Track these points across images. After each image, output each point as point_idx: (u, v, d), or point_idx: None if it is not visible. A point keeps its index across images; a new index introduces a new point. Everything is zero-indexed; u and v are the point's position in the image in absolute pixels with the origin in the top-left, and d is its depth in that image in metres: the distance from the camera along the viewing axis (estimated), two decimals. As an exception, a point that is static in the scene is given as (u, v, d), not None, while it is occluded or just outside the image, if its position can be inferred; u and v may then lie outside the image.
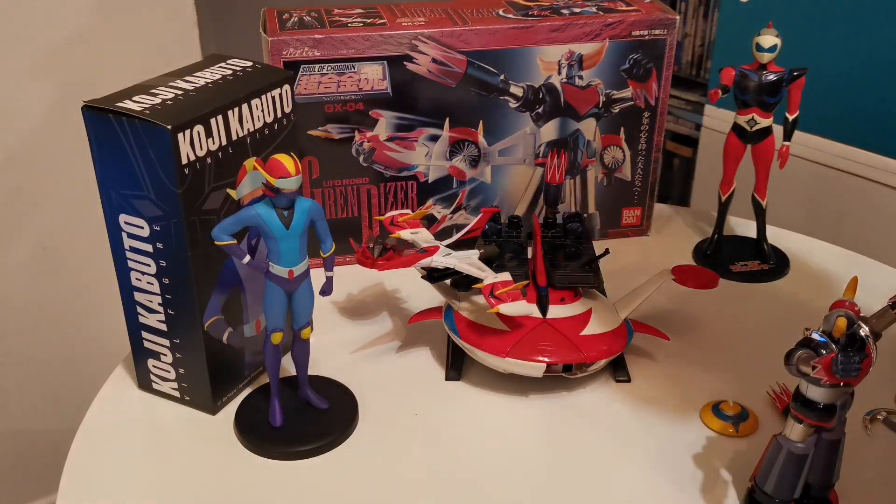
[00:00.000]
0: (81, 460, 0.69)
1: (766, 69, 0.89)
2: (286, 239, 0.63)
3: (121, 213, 0.67)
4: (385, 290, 0.91)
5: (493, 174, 0.97)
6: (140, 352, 0.74)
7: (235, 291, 0.72)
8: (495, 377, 0.76)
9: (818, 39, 1.46)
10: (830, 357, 0.54)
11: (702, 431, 0.71)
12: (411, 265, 0.75)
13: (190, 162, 0.63)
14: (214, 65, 0.72)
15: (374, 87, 0.89)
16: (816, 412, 0.57)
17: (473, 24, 0.90)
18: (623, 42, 0.93)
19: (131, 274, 0.69)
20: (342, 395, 0.74)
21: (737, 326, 0.84)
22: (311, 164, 0.91)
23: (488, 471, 0.68)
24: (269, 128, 0.71)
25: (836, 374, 0.54)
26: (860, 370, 0.54)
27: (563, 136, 0.96)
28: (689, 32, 2.22)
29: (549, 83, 0.93)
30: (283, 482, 0.66)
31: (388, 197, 0.95)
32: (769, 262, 0.96)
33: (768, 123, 0.92)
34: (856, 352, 0.54)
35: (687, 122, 2.19)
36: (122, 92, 0.66)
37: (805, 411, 0.57)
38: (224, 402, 0.74)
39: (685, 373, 0.78)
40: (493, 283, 0.73)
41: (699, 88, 2.18)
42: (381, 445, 0.70)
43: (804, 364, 0.55)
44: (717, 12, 2.02)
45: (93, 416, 0.73)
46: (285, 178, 0.61)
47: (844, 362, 0.53)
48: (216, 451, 0.69)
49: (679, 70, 2.22)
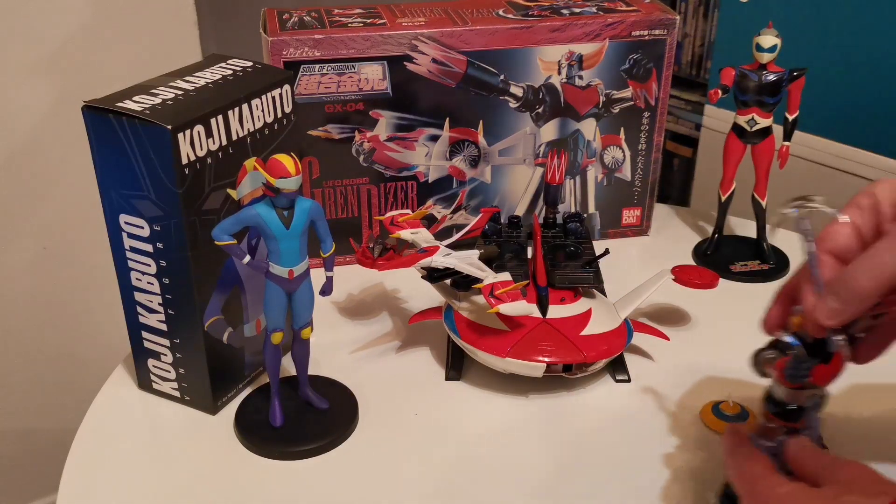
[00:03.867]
0: (81, 460, 0.69)
1: (766, 69, 0.89)
2: (286, 239, 0.63)
3: (121, 213, 0.67)
4: (385, 290, 0.91)
5: (493, 174, 0.97)
6: (140, 352, 0.74)
7: (235, 291, 0.72)
8: (495, 377, 0.76)
9: (818, 39, 1.46)
10: (784, 360, 0.54)
11: (702, 431, 0.71)
12: (411, 265, 0.75)
13: (190, 162, 0.63)
14: (214, 65, 0.72)
15: (374, 87, 0.89)
16: (784, 413, 0.57)
17: (473, 24, 0.90)
18: (623, 42, 0.93)
19: (131, 274, 0.70)
20: (342, 395, 0.74)
21: (737, 326, 0.84)
22: (311, 164, 0.91)
23: (488, 471, 0.67)
24: (270, 128, 0.71)
25: (786, 378, 0.54)
26: (808, 376, 0.53)
27: (563, 136, 0.96)
28: (689, 32, 2.22)
29: (549, 83, 0.93)
30: (283, 482, 0.66)
31: (388, 197, 0.95)
32: (769, 262, 0.96)
33: (768, 123, 0.92)
34: (807, 358, 0.54)
35: (687, 122, 2.19)
36: (122, 92, 0.66)
37: (774, 411, 0.57)
38: (224, 402, 0.74)
39: (685, 373, 0.78)
40: (493, 283, 0.73)
41: (699, 88, 2.18)
42: (381, 445, 0.70)
43: (769, 365, 0.55)
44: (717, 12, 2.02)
45: (93, 416, 0.73)
46: (285, 178, 0.61)
47: (793, 367, 0.53)
48: (216, 451, 0.69)
49: (679, 70, 2.22)
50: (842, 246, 0.53)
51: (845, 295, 0.50)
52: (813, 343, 0.55)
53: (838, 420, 0.71)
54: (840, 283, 0.51)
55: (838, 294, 0.50)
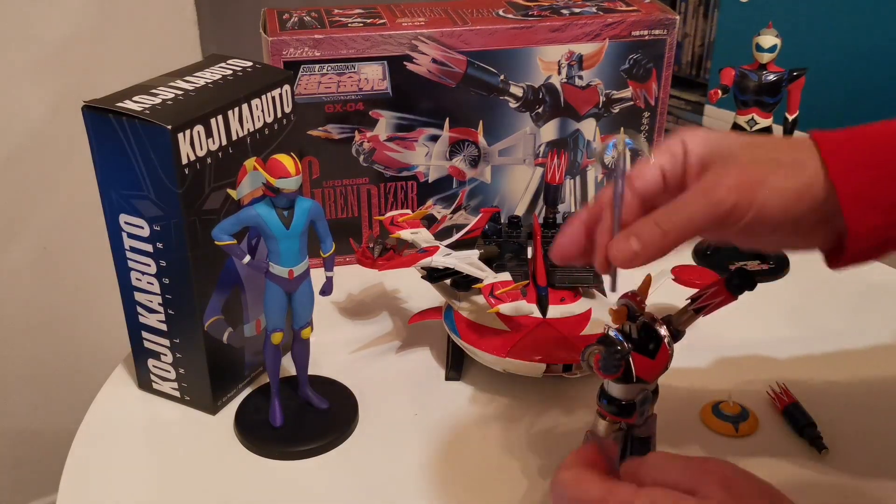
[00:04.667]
0: (81, 460, 0.69)
1: (766, 69, 0.89)
2: (286, 239, 0.63)
3: (121, 213, 0.67)
4: (385, 290, 0.91)
5: (493, 174, 0.97)
6: (140, 352, 0.74)
7: (235, 291, 0.72)
8: (495, 377, 0.76)
9: (818, 39, 1.46)
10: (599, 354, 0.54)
11: (702, 431, 0.71)
12: (411, 265, 0.75)
13: (190, 162, 0.63)
14: (214, 65, 0.72)
15: (374, 87, 0.89)
16: (615, 407, 0.57)
17: (473, 24, 0.90)
18: (623, 42, 0.93)
19: (131, 274, 0.70)
20: (342, 395, 0.74)
21: (737, 326, 0.84)
22: (311, 164, 0.91)
23: (488, 471, 0.67)
24: (269, 128, 0.71)
25: (600, 369, 0.54)
26: (619, 366, 0.54)
27: (563, 136, 0.96)
28: (689, 32, 2.22)
29: (549, 83, 0.93)
30: (283, 482, 0.66)
31: (388, 197, 0.95)
32: (769, 262, 0.96)
33: (768, 123, 0.91)
34: (618, 349, 0.54)
35: (687, 123, 2.18)
36: (122, 92, 0.66)
37: (606, 406, 0.57)
38: (224, 402, 0.74)
39: (685, 373, 0.78)
40: (493, 283, 0.73)
41: (699, 88, 2.18)
42: (381, 445, 0.70)
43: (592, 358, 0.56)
44: (717, 12, 2.02)
45: (93, 416, 0.73)
46: (285, 178, 0.61)
47: (606, 358, 0.53)
48: (216, 451, 0.69)
49: (679, 70, 2.23)
50: (647, 187, 0.53)
51: (647, 239, 0.50)
52: (637, 338, 0.56)
53: (839, 420, 0.71)
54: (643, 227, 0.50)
55: (640, 237, 0.50)
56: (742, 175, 0.50)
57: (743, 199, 0.49)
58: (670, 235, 0.49)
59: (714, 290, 0.58)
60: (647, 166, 0.53)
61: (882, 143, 0.52)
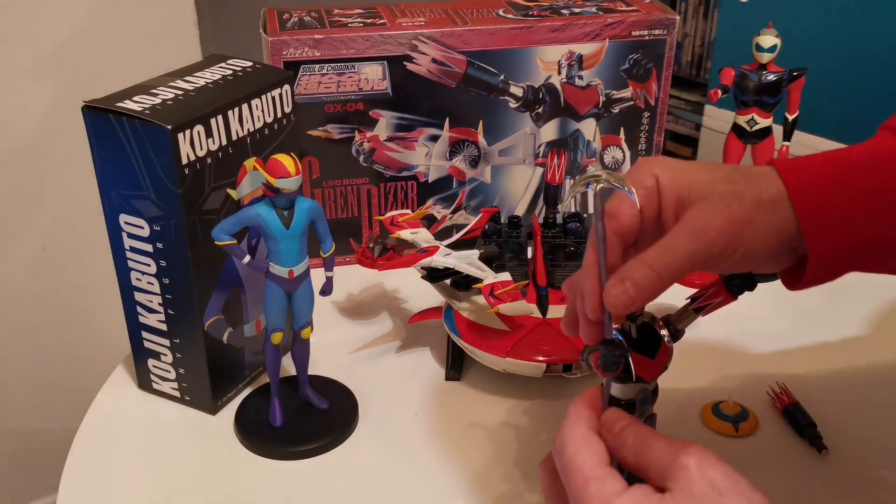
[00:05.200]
0: (81, 460, 0.69)
1: (766, 69, 0.89)
2: (286, 239, 0.64)
3: (121, 213, 0.67)
4: (385, 290, 0.91)
5: (493, 174, 0.97)
6: (140, 352, 0.74)
7: (235, 291, 0.72)
8: (495, 377, 0.76)
9: (818, 39, 1.46)
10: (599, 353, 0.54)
11: (702, 431, 0.71)
12: (411, 265, 0.75)
13: (190, 162, 0.63)
14: (214, 65, 0.72)
15: (374, 87, 0.89)
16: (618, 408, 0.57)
17: (473, 24, 0.90)
18: (623, 42, 0.93)
19: (131, 274, 0.70)
20: (342, 395, 0.74)
21: (737, 326, 0.84)
22: (311, 164, 0.91)
23: (488, 471, 0.67)
24: (269, 128, 0.71)
25: (599, 367, 0.54)
26: (619, 365, 0.53)
27: (563, 136, 0.96)
28: (689, 32, 2.22)
29: (549, 83, 0.93)
30: (283, 482, 0.66)
31: (388, 197, 0.95)
32: (769, 262, 0.96)
33: (768, 123, 0.91)
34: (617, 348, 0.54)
35: (687, 122, 2.19)
36: (122, 92, 0.66)
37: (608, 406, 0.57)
38: (224, 402, 0.74)
39: (685, 373, 0.78)
40: (493, 283, 0.73)
41: (699, 88, 2.18)
42: (381, 445, 0.70)
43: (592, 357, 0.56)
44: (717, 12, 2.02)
45: (93, 416, 0.73)
46: (285, 178, 0.61)
47: (605, 356, 0.53)
48: (216, 451, 0.69)
49: (679, 70, 2.23)
50: (626, 227, 0.53)
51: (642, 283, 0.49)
52: (637, 338, 0.56)
53: (839, 420, 0.71)
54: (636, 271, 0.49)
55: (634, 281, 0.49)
56: (728, 214, 0.51)
57: (732, 239, 0.50)
58: (665, 277, 0.50)
59: (714, 290, 0.58)
60: (624, 203, 0.52)
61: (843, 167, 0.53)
